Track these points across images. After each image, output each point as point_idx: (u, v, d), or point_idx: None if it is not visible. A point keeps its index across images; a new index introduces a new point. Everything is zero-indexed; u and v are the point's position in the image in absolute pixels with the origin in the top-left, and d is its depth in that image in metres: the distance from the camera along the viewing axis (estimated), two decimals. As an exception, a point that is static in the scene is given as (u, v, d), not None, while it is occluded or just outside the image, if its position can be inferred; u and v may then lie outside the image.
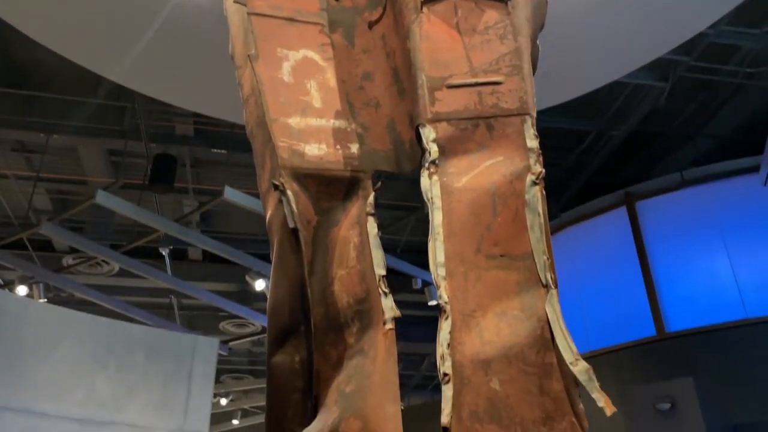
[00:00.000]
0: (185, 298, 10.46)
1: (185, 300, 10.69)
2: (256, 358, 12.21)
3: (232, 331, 10.60)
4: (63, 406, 4.42)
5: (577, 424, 1.81)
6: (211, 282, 9.99)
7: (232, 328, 10.84)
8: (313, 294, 2.38)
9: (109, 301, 7.81)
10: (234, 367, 12.49)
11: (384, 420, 2.05)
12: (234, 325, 10.76)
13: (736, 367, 5.52)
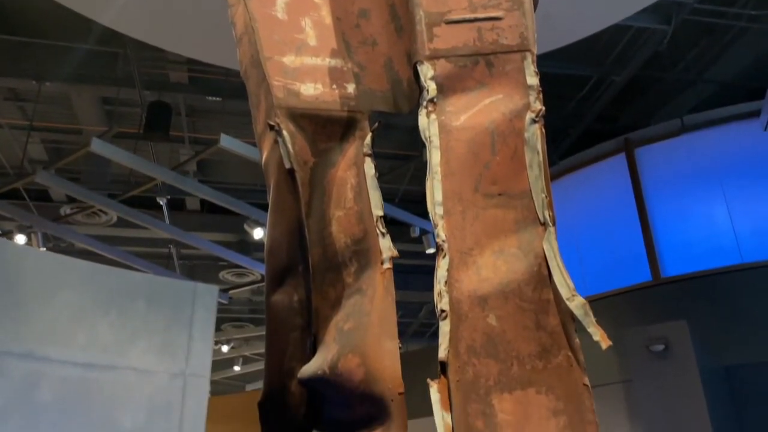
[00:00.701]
0: (184, 248, 10.51)
1: (184, 250, 10.74)
2: (256, 307, 12.36)
3: (231, 281, 10.70)
4: (66, 350, 4.48)
5: (573, 357, 1.84)
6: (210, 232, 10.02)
7: (232, 277, 10.93)
8: (311, 235, 2.38)
9: (108, 251, 7.84)
10: (234, 315, 12.66)
11: (382, 356, 2.08)
12: (234, 275, 10.85)
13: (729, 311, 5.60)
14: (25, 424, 4.19)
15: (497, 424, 1.80)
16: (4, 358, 4.24)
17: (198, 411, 5.04)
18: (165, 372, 4.98)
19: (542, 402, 1.80)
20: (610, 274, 6.49)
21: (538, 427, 1.77)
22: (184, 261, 11.20)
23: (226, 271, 10.89)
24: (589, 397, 1.79)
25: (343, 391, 2.08)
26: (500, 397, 1.83)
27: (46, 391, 4.35)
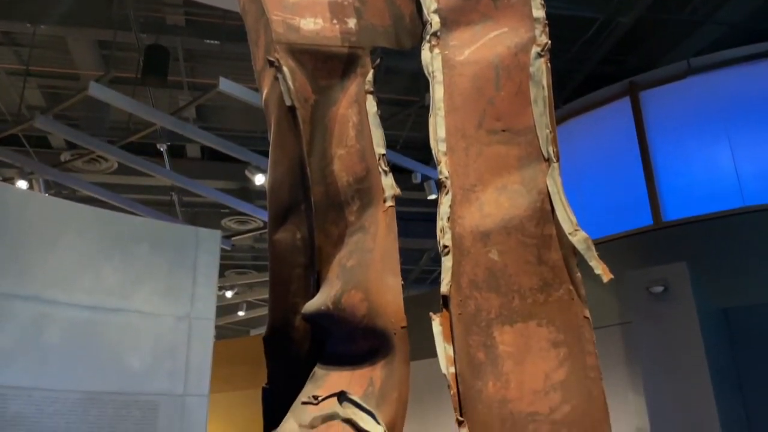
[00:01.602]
0: (186, 195, 10.50)
1: (186, 197, 10.74)
2: (258, 254, 12.44)
3: (234, 228, 10.74)
4: (71, 294, 4.53)
5: (574, 291, 1.85)
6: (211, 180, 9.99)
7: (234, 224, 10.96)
8: (313, 173, 2.37)
9: (110, 197, 7.85)
10: (238, 262, 12.76)
11: (385, 291, 2.10)
12: (236, 222, 10.88)
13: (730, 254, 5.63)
14: (34, 365, 4.27)
15: (498, 356, 1.82)
16: (12, 301, 4.29)
17: (203, 353, 5.13)
18: (170, 315, 5.04)
19: (543, 334, 1.82)
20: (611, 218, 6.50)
21: (539, 358, 1.80)
22: (186, 208, 11.22)
23: (229, 218, 10.91)
24: (589, 329, 1.81)
25: (347, 326, 2.11)
26: (501, 330, 1.85)
27: (53, 333, 4.42)
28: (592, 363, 1.78)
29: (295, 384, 2.17)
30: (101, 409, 4.50)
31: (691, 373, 4.46)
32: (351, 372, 2.07)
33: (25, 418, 4.18)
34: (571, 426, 1.70)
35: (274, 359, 2.32)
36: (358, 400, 1.95)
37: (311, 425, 1.92)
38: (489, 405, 1.77)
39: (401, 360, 2.04)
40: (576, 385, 1.75)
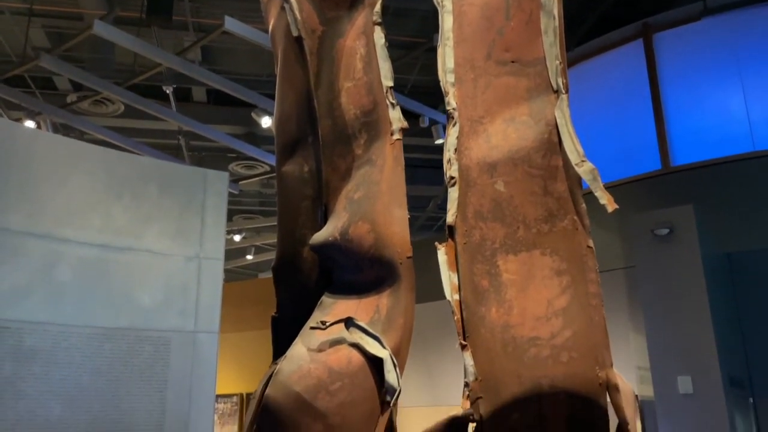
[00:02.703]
0: (193, 139, 10.49)
1: (193, 141, 10.73)
2: (266, 199, 12.50)
3: (241, 173, 10.75)
4: (82, 232, 4.59)
5: (579, 221, 1.87)
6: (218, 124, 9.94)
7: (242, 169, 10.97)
8: (320, 106, 2.37)
9: (117, 139, 7.85)
10: (245, 207, 12.83)
11: (391, 222, 2.13)
12: (243, 167, 10.88)
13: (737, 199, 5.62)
14: (48, 300, 4.38)
15: (502, 283, 1.86)
16: (25, 238, 4.37)
17: (213, 291, 5.23)
18: (180, 255, 5.12)
19: (546, 263, 1.85)
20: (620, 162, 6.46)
21: (541, 286, 1.83)
22: (193, 153, 11.21)
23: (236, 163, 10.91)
24: (592, 258, 1.84)
25: (354, 256, 2.15)
26: (505, 259, 1.88)
27: (65, 270, 4.51)
28: (594, 291, 1.81)
29: (304, 312, 2.23)
30: (115, 343, 4.62)
31: (692, 315, 4.53)
32: (358, 300, 2.12)
33: (40, 351, 4.31)
34: (571, 350, 1.74)
35: (282, 289, 2.37)
36: (364, 325, 2.01)
37: (319, 349, 1.98)
38: (492, 330, 1.82)
39: (407, 288, 2.09)
40: (577, 312, 1.79)
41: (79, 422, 4.34)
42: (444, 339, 7.09)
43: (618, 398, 1.71)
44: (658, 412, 4.64)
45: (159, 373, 4.80)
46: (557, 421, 1.74)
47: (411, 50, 8.60)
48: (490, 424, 1.75)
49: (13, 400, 4.14)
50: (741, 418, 4.97)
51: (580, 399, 1.72)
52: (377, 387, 1.93)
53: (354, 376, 1.93)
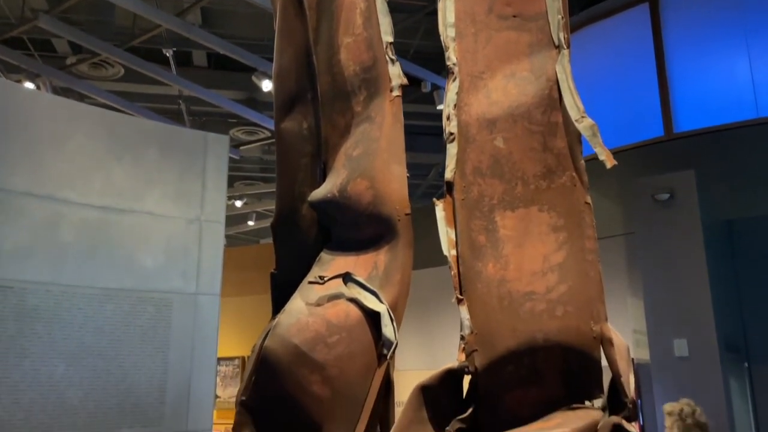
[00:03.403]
0: (194, 104, 10.42)
1: (194, 107, 10.66)
2: (267, 165, 12.47)
3: (242, 138, 10.71)
4: (83, 194, 4.59)
5: (577, 177, 1.87)
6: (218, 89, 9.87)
7: (242, 135, 10.93)
8: (319, 62, 2.35)
9: (118, 102, 7.81)
10: (246, 174, 12.82)
11: (390, 179, 2.13)
12: (244, 132, 10.83)
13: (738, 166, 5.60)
14: (50, 261, 4.40)
15: (499, 239, 1.87)
16: (26, 199, 4.37)
17: (214, 254, 5.26)
18: (181, 217, 5.13)
19: (544, 219, 1.86)
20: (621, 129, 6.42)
21: (538, 242, 1.84)
22: (194, 118, 11.16)
23: (236, 128, 10.86)
24: (590, 215, 1.84)
25: (352, 213, 2.16)
26: (503, 215, 1.89)
27: (67, 231, 4.52)
28: (590, 246, 1.82)
29: (302, 269, 2.25)
30: (117, 304, 4.66)
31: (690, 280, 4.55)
32: (356, 257, 2.14)
33: (43, 311, 4.35)
34: (566, 304, 1.76)
35: (281, 246, 2.39)
36: (362, 281, 2.03)
37: (317, 303, 2.00)
38: (488, 284, 1.83)
39: (405, 245, 2.10)
40: (573, 267, 1.80)
41: (83, 380, 4.40)
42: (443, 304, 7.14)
43: (612, 352, 1.73)
44: (654, 375, 4.70)
45: (161, 334, 4.85)
46: (551, 374, 1.76)
47: (413, 14, 8.49)
48: (485, 376, 1.77)
49: (17, 358, 4.19)
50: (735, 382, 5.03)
51: (574, 352, 1.74)
52: (374, 340, 1.96)
53: (351, 329, 1.95)
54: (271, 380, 1.91)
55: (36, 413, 4.19)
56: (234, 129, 10.86)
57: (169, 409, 4.73)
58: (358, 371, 1.92)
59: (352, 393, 1.90)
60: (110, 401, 4.48)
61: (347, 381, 1.90)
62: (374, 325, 1.96)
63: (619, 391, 1.72)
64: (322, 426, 1.88)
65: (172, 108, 10.66)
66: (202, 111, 10.94)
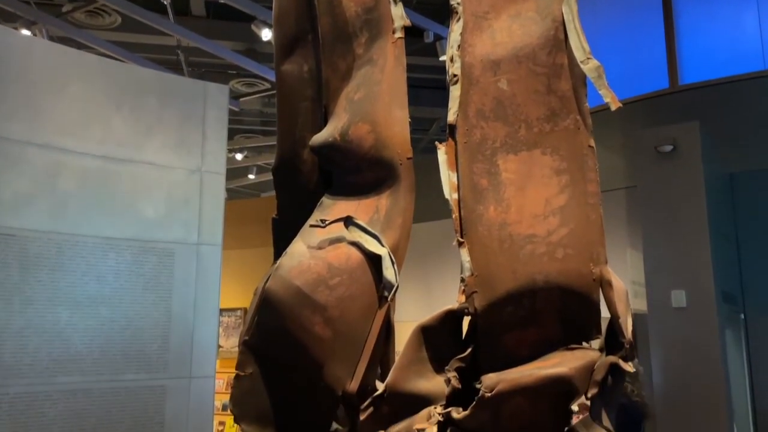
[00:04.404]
0: (193, 55, 10.27)
1: (193, 57, 10.50)
2: (267, 118, 12.37)
3: (242, 90, 10.60)
4: (83, 143, 4.57)
5: (581, 120, 1.85)
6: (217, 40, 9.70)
7: (242, 87, 10.81)
8: (320, 3, 2.30)
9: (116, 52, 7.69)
10: (246, 127, 12.73)
11: (392, 123, 2.11)
12: (244, 84, 10.71)
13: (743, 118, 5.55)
14: (51, 210, 4.41)
15: (501, 182, 1.86)
16: (25, 147, 4.35)
17: (215, 205, 5.26)
18: (181, 168, 5.11)
19: (546, 162, 1.85)
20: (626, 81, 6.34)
21: (540, 185, 1.83)
22: (193, 69, 11.00)
23: (236, 80, 10.73)
24: (593, 158, 1.83)
25: (354, 157, 2.14)
26: (505, 158, 1.88)
27: (68, 180, 4.51)
28: (592, 190, 1.81)
29: (303, 214, 2.24)
30: (119, 253, 4.69)
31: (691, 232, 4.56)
32: (357, 201, 2.13)
33: (46, 259, 4.38)
34: (567, 247, 1.76)
35: (283, 191, 2.38)
36: (363, 224, 2.03)
37: (319, 246, 2.01)
38: (489, 227, 1.83)
39: (406, 189, 2.10)
40: (575, 210, 1.79)
41: (87, 328, 4.47)
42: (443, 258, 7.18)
43: (611, 294, 1.74)
44: (650, 325, 4.76)
45: (164, 283, 4.90)
46: (550, 315, 1.78)
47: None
48: (484, 317, 1.79)
49: (21, 305, 4.24)
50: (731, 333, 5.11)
51: (573, 294, 1.75)
52: (375, 283, 1.98)
53: (353, 272, 1.97)
54: (273, 321, 1.93)
55: (42, 359, 4.27)
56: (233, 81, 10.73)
57: (172, 356, 4.81)
58: (359, 313, 1.94)
59: (353, 334, 1.93)
60: (115, 348, 4.56)
61: (348, 322, 1.92)
62: (375, 268, 1.98)
63: (617, 332, 1.74)
64: (324, 366, 1.91)
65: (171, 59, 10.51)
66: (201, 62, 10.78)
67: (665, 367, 4.65)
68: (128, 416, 4.50)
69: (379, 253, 1.97)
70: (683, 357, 4.50)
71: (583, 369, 1.70)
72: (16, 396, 4.17)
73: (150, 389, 4.68)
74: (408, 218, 2.07)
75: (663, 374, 4.67)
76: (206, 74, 11.31)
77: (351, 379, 1.89)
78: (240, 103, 9.72)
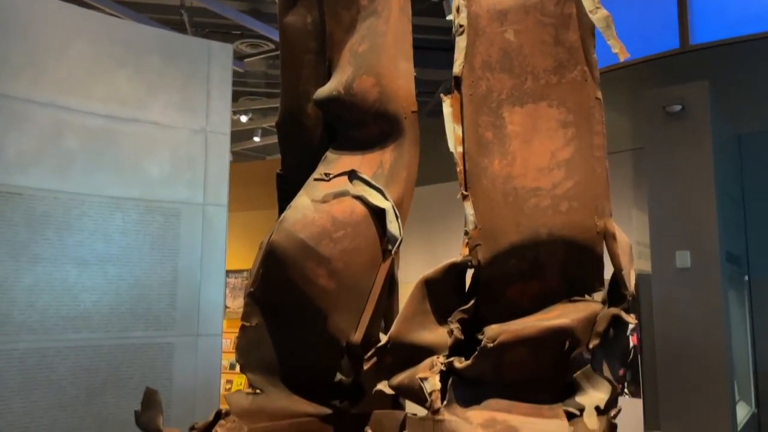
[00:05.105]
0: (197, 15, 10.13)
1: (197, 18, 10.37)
2: (271, 80, 12.25)
3: (246, 51, 10.48)
4: (86, 102, 4.54)
5: (589, 72, 1.82)
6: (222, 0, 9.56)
7: (247, 48, 10.69)
8: (324, -47, 2.26)
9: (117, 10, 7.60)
10: (251, 89, 12.62)
11: (397, 75, 2.09)
12: (248, 45, 10.58)
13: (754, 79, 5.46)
14: (57, 168, 4.41)
15: (506, 135, 1.85)
16: (28, 105, 4.33)
17: (221, 165, 5.25)
18: (186, 128, 5.09)
19: (552, 114, 1.83)
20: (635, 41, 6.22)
21: (546, 138, 1.82)
22: (197, 29, 10.87)
23: (240, 41, 10.60)
24: (600, 110, 1.81)
25: (358, 111, 2.13)
26: (511, 110, 1.86)
27: (72, 139, 4.50)
28: (598, 143, 1.80)
29: (307, 169, 2.24)
30: (125, 213, 4.71)
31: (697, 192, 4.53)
32: (361, 155, 2.13)
33: (52, 218, 4.40)
34: (572, 200, 1.76)
35: (286, 146, 2.37)
36: (367, 178, 2.02)
37: (323, 200, 2.01)
38: (493, 180, 1.82)
39: (411, 142, 2.09)
40: (580, 163, 1.78)
41: (95, 285, 4.51)
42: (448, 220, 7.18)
43: (614, 246, 1.74)
44: (654, 285, 4.77)
45: (170, 243, 4.93)
46: (553, 268, 1.78)
47: None
48: (488, 269, 1.80)
49: (30, 263, 4.28)
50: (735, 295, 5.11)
51: (577, 246, 1.75)
52: (379, 236, 1.98)
53: (357, 225, 1.97)
54: (278, 272, 1.94)
55: (51, 316, 4.33)
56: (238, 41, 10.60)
57: (179, 314, 4.87)
58: (363, 265, 1.95)
59: (357, 286, 1.94)
60: (123, 306, 4.61)
61: (352, 274, 1.94)
62: (379, 221, 1.98)
63: (620, 284, 1.75)
64: (328, 317, 1.93)
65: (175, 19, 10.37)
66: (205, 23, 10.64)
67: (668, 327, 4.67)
68: (137, 372, 4.57)
69: (383, 207, 1.97)
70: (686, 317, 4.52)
71: (585, 321, 1.71)
72: (27, 351, 4.24)
73: (158, 346, 4.76)
74: (412, 172, 2.07)
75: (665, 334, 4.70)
76: (210, 35, 11.17)
77: (355, 330, 1.91)
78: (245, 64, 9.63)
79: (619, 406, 1.68)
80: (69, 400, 4.34)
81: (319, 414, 1.97)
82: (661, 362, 4.73)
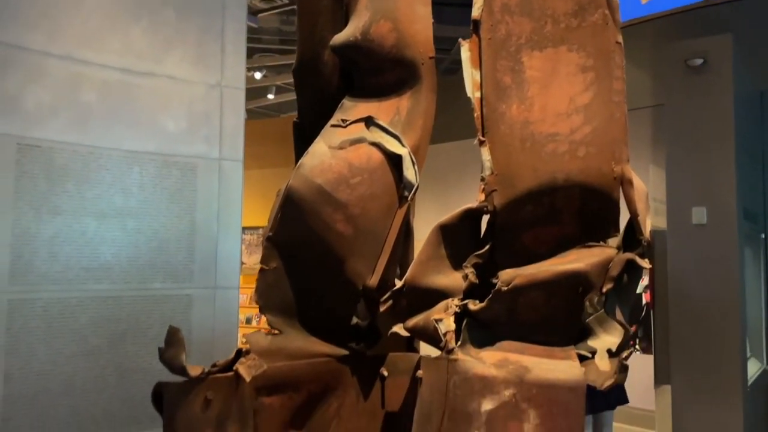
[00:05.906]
0: (209, -31, 9.98)
1: (209, -28, 10.22)
2: (286, 36, 12.13)
3: (260, 6, 10.35)
4: (102, 55, 4.54)
5: (610, 15, 1.79)
6: (234, -49, 9.40)
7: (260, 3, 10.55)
8: None
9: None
10: (265, 46, 12.51)
11: (414, 20, 2.07)
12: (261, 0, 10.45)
13: (777, 32, 5.33)
14: (74, 121, 4.43)
15: (524, 80, 1.83)
16: (46, 58, 4.34)
17: (236, 120, 5.26)
18: (201, 82, 5.08)
19: (572, 59, 1.81)
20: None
21: (565, 82, 1.80)
22: (210, -16, 10.74)
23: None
24: (620, 54, 1.79)
25: (375, 57, 2.12)
26: (530, 55, 1.84)
27: (89, 92, 4.52)
28: (618, 87, 1.78)
29: (324, 117, 2.24)
30: (143, 166, 4.74)
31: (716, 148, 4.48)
32: (378, 102, 2.13)
33: (72, 170, 4.44)
34: (589, 145, 1.75)
35: (303, 93, 2.37)
36: (384, 124, 2.03)
37: (340, 147, 2.02)
38: (511, 126, 1.82)
39: (428, 89, 2.08)
40: (599, 108, 1.77)
41: (115, 238, 4.59)
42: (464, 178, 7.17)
43: (631, 192, 1.74)
44: (669, 241, 4.77)
45: (188, 197, 4.97)
46: (569, 213, 1.79)
47: None
48: (503, 215, 1.81)
49: (49, 215, 4.35)
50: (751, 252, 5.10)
51: (593, 192, 1.76)
52: (396, 183, 1.99)
53: (373, 171, 1.98)
54: (295, 217, 1.97)
55: (73, 266, 4.41)
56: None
57: (197, 267, 4.95)
58: (379, 211, 1.97)
59: (374, 231, 1.96)
60: (142, 258, 4.69)
61: (369, 220, 1.96)
62: (396, 167, 1.99)
63: (635, 230, 1.76)
64: (345, 261, 1.96)
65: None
66: (218, -23, 10.50)
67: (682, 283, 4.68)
68: (156, 322, 4.68)
69: (399, 153, 1.97)
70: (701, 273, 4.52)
71: (600, 265, 1.72)
72: (50, 301, 4.35)
73: (177, 297, 4.85)
74: (429, 119, 2.07)
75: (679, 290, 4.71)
76: (223, -10, 11.04)
77: (371, 274, 1.94)
78: (258, 20, 9.52)
79: (631, 348, 1.70)
80: (91, 349, 4.46)
81: (335, 355, 2.03)
82: (674, 318, 4.76)
